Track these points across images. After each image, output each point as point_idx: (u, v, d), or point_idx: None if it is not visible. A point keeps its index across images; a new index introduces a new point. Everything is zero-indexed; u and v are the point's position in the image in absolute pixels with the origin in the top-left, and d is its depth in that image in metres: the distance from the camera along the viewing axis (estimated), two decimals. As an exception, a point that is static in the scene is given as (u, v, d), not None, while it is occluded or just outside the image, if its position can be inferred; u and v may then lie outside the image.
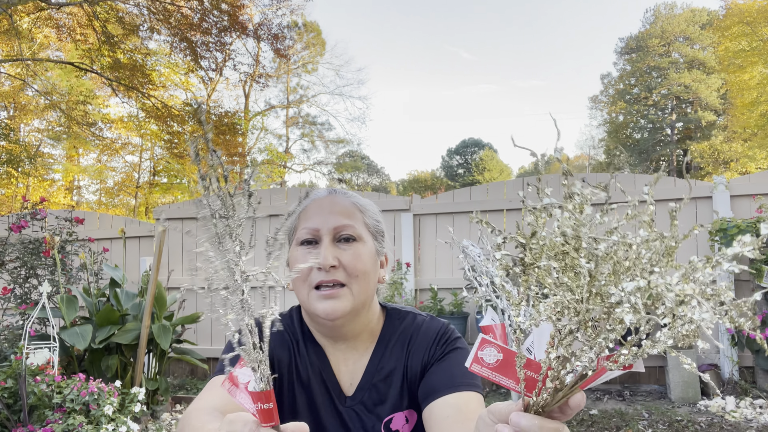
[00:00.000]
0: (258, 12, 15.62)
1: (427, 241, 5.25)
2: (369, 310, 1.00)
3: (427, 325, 1.03)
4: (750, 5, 14.00)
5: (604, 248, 0.46)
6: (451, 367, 0.96)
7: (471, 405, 0.90)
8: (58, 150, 17.67)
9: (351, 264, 0.93)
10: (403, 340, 1.01)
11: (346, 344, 1.00)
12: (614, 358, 0.48)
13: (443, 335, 1.01)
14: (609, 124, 30.13)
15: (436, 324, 1.03)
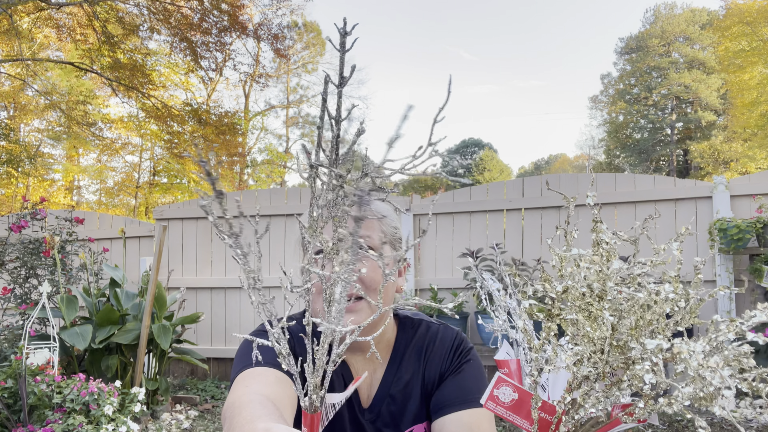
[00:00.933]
0: (258, 12, 15.62)
1: (427, 241, 5.24)
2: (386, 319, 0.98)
3: (442, 333, 1.03)
4: (750, 5, 14.00)
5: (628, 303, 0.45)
6: (465, 381, 0.96)
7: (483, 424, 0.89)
8: (58, 150, 17.68)
9: (369, 277, 0.90)
10: (419, 349, 1.00)
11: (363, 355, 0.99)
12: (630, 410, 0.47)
13: (459, 345, 1.01)
14: (609, 124, 30.12)
15: (450, 333, 1.03)
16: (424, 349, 1.00)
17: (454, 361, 0.99)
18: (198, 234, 5.63)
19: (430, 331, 1.03)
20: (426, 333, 1.03)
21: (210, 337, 5.49)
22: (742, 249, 4.27)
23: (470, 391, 0.94)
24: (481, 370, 1.01)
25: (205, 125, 10.20)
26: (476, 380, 0.97)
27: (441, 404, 0.94)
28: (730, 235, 4.21)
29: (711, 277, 4.59)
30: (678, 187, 4.81)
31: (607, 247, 0.50)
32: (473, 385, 0.95)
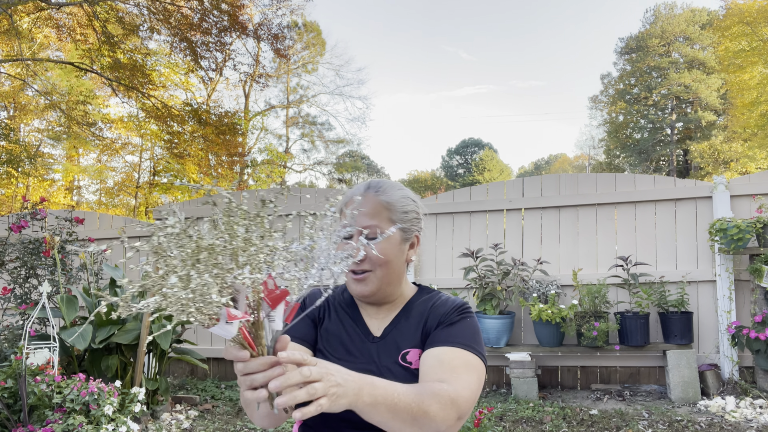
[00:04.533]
0: (258, 12, 15.62)
1: (427, 241, 5.25)
2: (398, 284, 1.22)
3: (448, 297, 1.25)
4: (750, 5, 13.99)
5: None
6: (454, 328, 1.15)
7: (454, 361, 1.08)
8: (58, 150, 17.67)
9: (374, 257, 1.15)
10: (428, 303, 1.23)
11: (377, 307, 1.25)
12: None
13: (461, 305, 1.21)
14: (609, 124, 30.11)
15: (457, 299, 1.25)
16: (432, 304, 1.23)
17: (453, 315, 1.18)
18: (198, 234, 5.63)
19: (440, 295, 1.27)
20: (436, 295, 1.26)
21: (210, 337, 5.49)
22: (742, 249, 4.27)
23: (455, 335, 1.13)
24: (474, 328, 1.17)
25: (205, 125, 10.19)
26: (465, 330, 1.15)
27: (429, 342, 1.14)
28: (730, 235, 4.21)
29: (711, 277, 4.59)
30: (678, 187, 4.81)
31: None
32: (460, 332, 1.14)
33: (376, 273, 1.16)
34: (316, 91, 25.26)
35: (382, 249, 1.16)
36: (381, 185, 1.22)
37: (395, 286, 1.22)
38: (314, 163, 27.37)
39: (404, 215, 1.21)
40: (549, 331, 4.49)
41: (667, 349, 4.36)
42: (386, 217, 1.18)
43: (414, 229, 1.23)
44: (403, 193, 1.24)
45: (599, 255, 4.92)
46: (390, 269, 1.18)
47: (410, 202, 1.24)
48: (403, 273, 1.24)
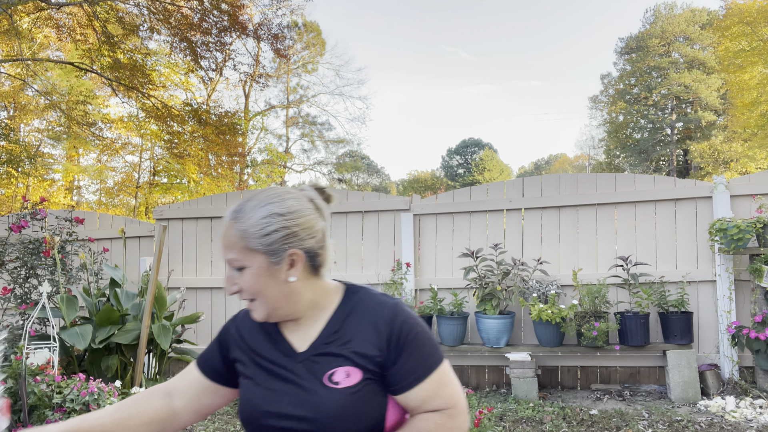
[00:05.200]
0: (258, 12, 15.62)
1: (427, 241, 5.25)
2: (296, 304, 1.14)
3: (377, 309, 1.15)
4: (750, 5, 13.99)
5: None
6: (410, 353, 1.10)
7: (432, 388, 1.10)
8: (58, 150, 17.66)
9: (245, 288, 1.10)
10: (356, 318, 1.15)
11: (296, 322, 1.18)
12: None
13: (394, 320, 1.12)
14: (609, 124, 30.12)
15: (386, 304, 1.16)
16: (358, 318, 1.15)
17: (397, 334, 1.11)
18: (198, 234, 5.63)
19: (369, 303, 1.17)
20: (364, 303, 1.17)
21: (210, 337, 5.49)
22: (742, 249, 4.27)
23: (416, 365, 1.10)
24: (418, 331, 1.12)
25: (205, 125, 10.19)
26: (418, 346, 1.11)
27: (397, 382, 1.10)
28: (730, 235, 4.20)
29: (711, 277, 4.59)
30: (678, 187, 4.81)
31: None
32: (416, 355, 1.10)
33: (260, 300, 1.11)
34: (316, 91, 25.27)
35: (247, 281, 1.09)
36: (241, 210, 1.11)
37: (293, 305, 1.13)
38: (314, 163, 27.38)
39: (265, 239, 1.08)
40: (549, 331, 4.49)
41: (667, 349, 4.36)
42: (242, 247, 1.08)
43: (285, 248, 1.09)
44: (267, 210, 1.09)
45: (599, 255, 4.92)
46: (267, 298, 1.10)
47: (275, 220, 1.09)
48: (296, 292, 1.13)
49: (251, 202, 1.12)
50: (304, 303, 1.15)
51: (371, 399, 1.10)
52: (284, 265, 1.10)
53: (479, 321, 4.61)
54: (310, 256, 1.13)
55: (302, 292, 1.14)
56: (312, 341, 1.15)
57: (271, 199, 1.12)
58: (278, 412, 1.10)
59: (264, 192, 1.14)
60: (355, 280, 4.58)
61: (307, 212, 1.14)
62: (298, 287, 1.13)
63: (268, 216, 1.09)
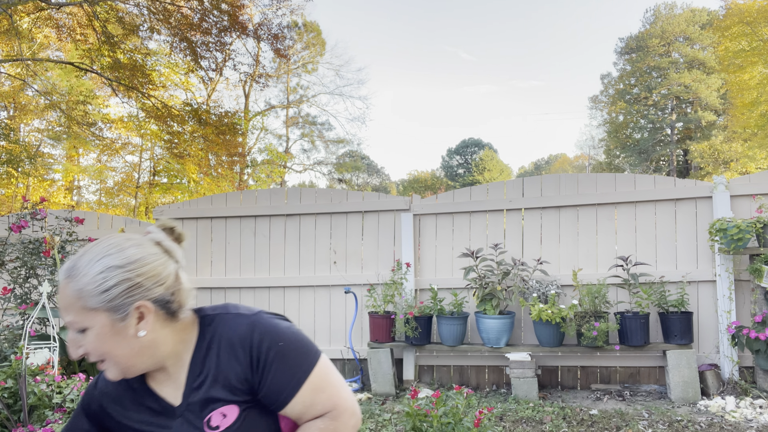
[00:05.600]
0: (258, 12, 15.62)
1: (427, 241, 5.25)
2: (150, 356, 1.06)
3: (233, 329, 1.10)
4: (750, 5, 13.99)
5: None
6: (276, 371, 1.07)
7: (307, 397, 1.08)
8: (58, 150, 17.67)
9: (91, 350, 1.02)
10: (216, 349, 1.10)
11: (161, 372, 1.12)
12: None
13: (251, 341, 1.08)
14: (609, 124, 30.12)
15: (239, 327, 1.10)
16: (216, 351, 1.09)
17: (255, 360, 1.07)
18: (198, 234, 5.63)
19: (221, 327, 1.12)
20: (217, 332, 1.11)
21: (210, 337, 5.49)
22: (742, 249, 4.27)
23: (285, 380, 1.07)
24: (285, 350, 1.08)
25: (205, 125, 10.19)
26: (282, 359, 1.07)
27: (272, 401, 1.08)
28: (730, 235, 4.20)
29: (711, 277, 4.59)
30: (678, 187, 4.81)
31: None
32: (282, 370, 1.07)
33: (110, 360, 1.03)
34: (316, 91, 25.28)
35: (91, 343, 1.01)
36: (75, 267, 1.02)
37: (149, 359, 1.06)
38: (314, 163, 27.38)
39: (105, 296, 0.99)
40: (549, 331, 4.49)
41: (667, 349, 4.36)
42: (80, 307, 0.99)
43: (129, 302, 1.01)
44: (103, 264, 1.01)
45: (599, 255, 4.92)
46: (116, 357, 1.03)
47: (113, 273, 1.01)
48: (151, 345, 1.05)
49: (86, 257, 1.02)
50: (163, 352, 1.08)
51: (257, 425, 1.09)
52: (131, 320, 1.02)
53: (479, 321, 4.61)
54: (161, 305, 1.05)
55: (159, 343, 1.06)
56: (182, 391, 1.10)
57: (108, 250, 1.03)
58: None
59: (100, 243, 1.05)
60: (356, 280, 4.59)
61: (152, 258, 1.05)
62: (153, 339, 1.05)
63: (105, 270, 1.00)
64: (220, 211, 5.58)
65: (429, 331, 4.77)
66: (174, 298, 1.08)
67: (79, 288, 1.00)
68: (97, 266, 1.01)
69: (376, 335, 4.81)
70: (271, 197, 5.59)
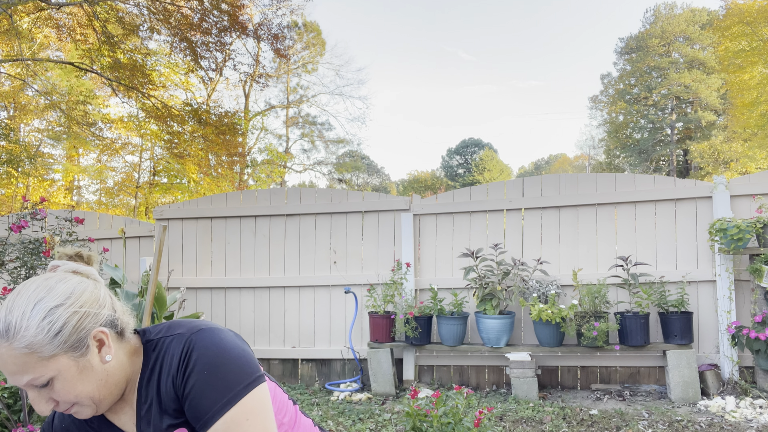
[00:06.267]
0: (258, 12, 15.62)
1: (427, 241, 5.25)
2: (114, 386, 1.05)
3: (169, 352, 1.06)
4: (750, 5, 13.99)
5: None
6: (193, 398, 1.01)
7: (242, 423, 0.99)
8: (58, 150, 17.67)
9: (62, 398, 0.98)
10: (157, 373, 1.07)
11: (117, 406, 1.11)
12: None
13: (182, 360, 1.04)
14: (609, 124, 30.12)
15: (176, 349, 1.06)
16: (159, 372, 1.07)
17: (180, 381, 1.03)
18: (198, 234, 5.63)
19: (162, 351, 1.08)
20: (159, 354, 1.08)
21: (210, 337, 5.48)
22: (742, 249, 4.27)
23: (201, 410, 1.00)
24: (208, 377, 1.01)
25: (205, 125, 10.19)
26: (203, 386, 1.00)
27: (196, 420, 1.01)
28: (730, 235, 4.21)
29: (711, 277, 4.59)
30: (678, 187, 4.81)
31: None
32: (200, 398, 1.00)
33: (83, 401, 1.00)
34: (316, 91, 25.28)
35: (62, 390, 0.97)
36: (9, 327, 0.93)
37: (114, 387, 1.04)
38: (314, 163, 27.38)
39: (59, 338, 0.95)
40: (549, 331, 4.49)
41: (667, 349, 4.36)
42: (35, 362, 0.93)
43: (85, 335, 0.98)
44: (42, 308, 0.95)
45: (599, 255, 4.93)
46: (88, 394, 1.00)
47: (58, 312, 0.96)
48: (113, 372, 1.03)
49: (15, 312, 0.94)
50: (123, 378, 1.06)
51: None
52: (92, 350, 1.00)
53: (479, 321, 4.61)
54: (111, 326, 1.05)
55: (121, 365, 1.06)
56: (135, 421, 1.09)
57: (38, 295, 0.97)
58: None
59: (22, 294, 0.97)
60: (356, 280, 4.59)
61: (82, 287, 1.02)
62: (117, 362, 1.04)
63: (48, 314, 0.95)
64: (220, 211, 5.58)
65: (429, 331, 4.77)
66: (117, 317, 1.07)
67: (28, 344, 0.93)
68: (36, 314, 0.94)
69: (376, 335, 4.81)
70: (271, 197, 5.59)
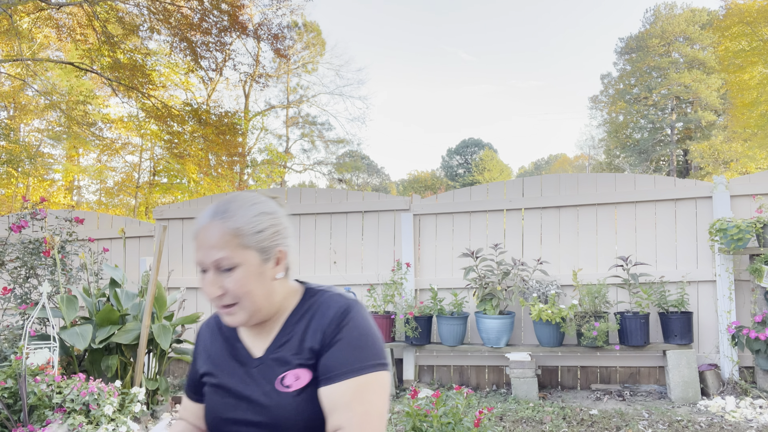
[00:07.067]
0: (258, 12, 15.62)
1: (427, 241, 5.25)
2: (270, 305, 1.15)
3: (330, 303, 1.16)
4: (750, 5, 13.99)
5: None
6: (337, 351, 1.08)
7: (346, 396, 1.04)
8: (58, 150, 17.66)
9: (234, 290, 1.08)
10: (308, 318, 1.15)
11: (259, 327, 1.19)
12: None
13: (342, 312, 1.12)
14: (609, 124, 30.12)
15: (340, 301, 1.15)
16: (312, 317, 1.15)
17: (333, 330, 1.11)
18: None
19: (324, 300, 1.17)
20: (318, 301, 1.17)
21: (210, 337, 5.49)
22: (742, 249, 4.27)
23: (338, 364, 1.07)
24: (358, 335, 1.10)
25: (205, 125, 10.19)
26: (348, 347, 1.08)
27: (323, 373, 1.08)
28: (730, 235, 4.20)
29: (711, 277, 4.59)
30: (678, 187, 4.81)
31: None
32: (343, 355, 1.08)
33: (241, 304, 1.10)
34: (316, 91, 25.27)
35: (238, 281, 1.08)
36: (227, 208, 1.11)
37: (267, 308, 1.14)
38: (314, 163, 27.37)
39: (258, 236, 1.10)
40: (549, 331, 4.49)
41: (667, 349, 4.36)
42: (236, 244, 1.08)
43: (274, 245, 1.13)
44: (256, 209, 1.13)
45: (599, 255, 4.92)
46: (254, 297, 1.10)
47: (265, 218, 1.13)
48: (274, 291, 1.15)
49: (234, 204, 1.11)
50: (276, 304, 1.16)
51: None
52: (272, 262, 1.13)
53: (479, 321, 4.61)
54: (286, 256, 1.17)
55: (277, 292, 1.15)
56: (267, 346, 1.16)
57: (254, 200, 1.14)
58: (237, 418, 1.13)
59: (240, 196, 1.15)
60: (356, 280, 4.60)
61: (282, 213, 1.18)
62: (275, 286, 1.14)
63: (258, 215, 1.12)
64: (220, 211, 5.58)
65: (429, 331, 4.77)
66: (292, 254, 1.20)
67: (237, 227, 1.08)
68: (250, 210, 1.11)
69: (376, 335, 4.81)
70: (271, 197, 5.59)
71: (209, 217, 1.10)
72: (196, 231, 1.11)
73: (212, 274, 1.08)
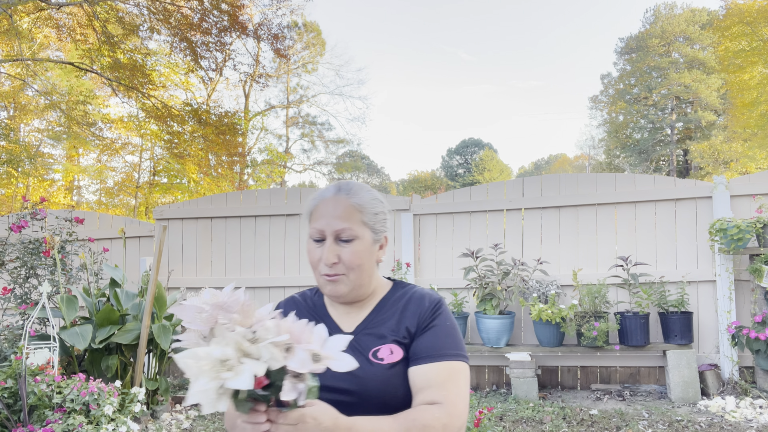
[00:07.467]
0: (258, 12, 15.61)
1: (427, 241, 5.24)
2: (368, 285, 1.24)
3: (423, 293, 1.26)
4: (750, 5, 13.98)
5: None
6: (434, 335, 1.18)
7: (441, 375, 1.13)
8: (58, 150, 17.65)
9: (348, 260, 1.17)
10: (403, 302, 1.25)
11: (349, 306, 1.27)
12: None
13: (437, 303, 1.23)
14: (609, 124, 30.11)
15: (433, 294, 1.27)
16: (406, 303, 1.24)
17: (430, 315, 1.20)
18: (198, 234, 5.63)
19: (416, 290, 1.28)
20: (410, 291, 1.27)
21: (210, 337, 5.48)
22: (742, 249, 4.27)
23: (437, 346, 1.16)
24: (451, 327, 1.21)
25: (205, 125, 10.19)
26: (445, 334, 1.18)
27: (414, 355, 1.17)
28: (730, 235, 4.20)
29: (711, 277, 4.59)
30: (678, 187, 4.81)
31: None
32: (440, 340, 1.17)
33: (348, 276, 1.18)
34: (316, 91, 25.27)
35: (355, 252, 1.17)
36: (351, 187, 1.22)
37: (366, 286, 1.24)
38: (314, 163, 27.37)
39: (375, 217, 1.21)
40: (549, 331, 4.49)
41: (667, 349, 4.36)
42: (358, 219, 1.18)
43: (383, 230, 1.24)
44: (372, 194, 1.24)
45: (599, 255, 4.92)
46: (362, 272, 1.19)
47: (379, 203, 1.24)
48: (374, 273, 1.25)
49: (356, 186, 1.23)
50: (371, 286, 1.25)
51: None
52: (378, 245, 1.23)
53: (479, 321, 4.61)
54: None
55: (375, 275, 1.26)
56: (358, 323, 1.24)
57: (368, 187, 1.26)
58: (327, 385, 1.17)
59: (355, 183, 1.26)
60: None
61: (388, 205, 1.29)
62: (374, 269, 1.24)
63: (375, 199, 1.23)
64: (220, 211, 5.58)
65: (429, 331, 4.77)
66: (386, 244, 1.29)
67: (361, 203, 1.19)
68: (369, 193, 1.23)
69: (376, 335, 4.81)
70: (271, 197, 5.59)
71: (334, 191, 1.20)
72: (315, 203, 1.21)
73: (331, 243, 1.16)
